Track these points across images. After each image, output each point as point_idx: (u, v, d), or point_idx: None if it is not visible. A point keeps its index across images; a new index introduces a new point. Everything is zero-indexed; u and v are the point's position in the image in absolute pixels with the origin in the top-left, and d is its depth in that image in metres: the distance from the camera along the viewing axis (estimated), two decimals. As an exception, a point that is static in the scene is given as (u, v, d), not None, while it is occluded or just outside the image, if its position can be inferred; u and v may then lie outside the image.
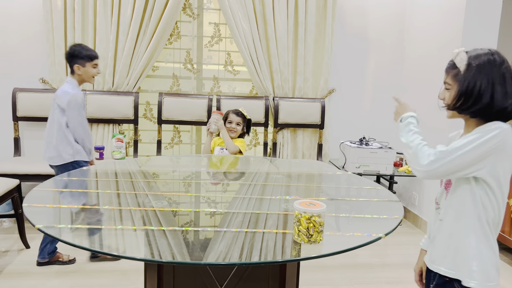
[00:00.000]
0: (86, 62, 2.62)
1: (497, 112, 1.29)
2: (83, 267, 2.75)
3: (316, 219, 1.25)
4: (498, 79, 1.28)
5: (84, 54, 2.61)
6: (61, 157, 2.61)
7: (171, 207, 1.63)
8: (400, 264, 2.99)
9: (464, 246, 1.34)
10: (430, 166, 1.28)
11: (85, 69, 2.63)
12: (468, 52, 1.34)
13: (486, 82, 1.29)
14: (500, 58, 1.31)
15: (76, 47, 2.64)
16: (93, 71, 2.67)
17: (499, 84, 1.28)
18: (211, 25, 3.99)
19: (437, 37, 3.52)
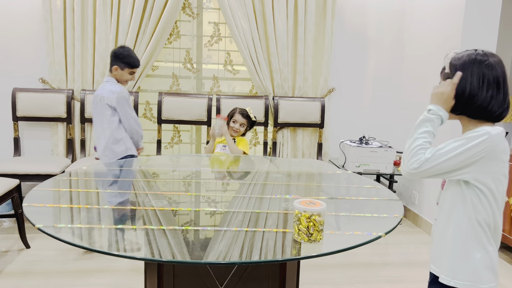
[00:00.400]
0: (125, 67, 2.76)
1: (481, 111, 1.32)
2: (83, 267, 2.75)
3: (316, 218, 1.26)
4: (478, 78, 1.30)
5: (126, 60, 2.74)
6: (114, 153, 2.78)
7: (171, 207, 1.63)
8: (400, 263, 2.99)
9: (451, 246, 1.36)
10: (414, 169, 1.31)
11: (122, 72, 2.76)
12: (457, 52, 1.38)
13: (465, 81, 1.31)
14: (483, 57, 1.32)
15: (123, 50, 2.76)
16: (128, 76, 2.80)
17: (479, 83, 1.30)
18: (211, 25, 3.99)
19: (437, 35, 3.52)
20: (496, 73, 1.31)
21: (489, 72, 1.31)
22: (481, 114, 1.33)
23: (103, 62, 3.63)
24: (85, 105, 3.60)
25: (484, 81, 1.30)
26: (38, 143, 3.75)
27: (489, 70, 1.31)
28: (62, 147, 3.69)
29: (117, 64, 2.75)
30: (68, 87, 3.65)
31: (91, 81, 3.67)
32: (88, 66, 3.63)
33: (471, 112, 1.33)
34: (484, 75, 1.30)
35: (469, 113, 1.34)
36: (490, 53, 1.35)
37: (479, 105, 1.31)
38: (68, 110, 3.61)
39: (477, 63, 1.31)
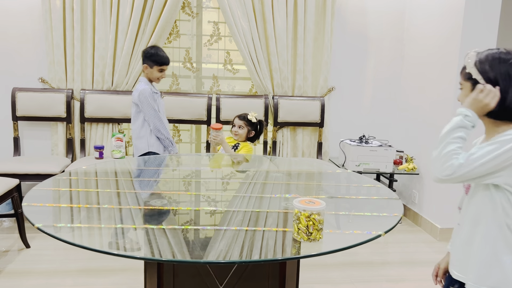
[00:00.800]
0: (154, 65, 2.87)
1: (509, 113, 1.29)
2: (84, 266, 2.75)
3: (316, 217, 1.26)
4: (505, 76, 1.28)
5: (154, 58, 2.85)
6: (138, 149, 2.96)
7: (171, 206, 1.63)
8: (400, 262, 2.99)
9: (480, 252, 1.33)
10: (448, 176, 1.28)
11: (151, 70, 2.88)
12: (478, 52, 1.35)
13: (493, 78, 1.28)
14: (507, 56, 1.30)
15: (151, 49, 2.90)
16: (157, 74, 2.90)
17: (506, 81, 1.28)
18: (210, 24, 3.99)
19: (437, 36, 3.51)
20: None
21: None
22: (508, 115, 1.30)
23: (102, 61, 3.63)
24: (84, 104, 3.60)
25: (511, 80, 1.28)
26: (37, 143, 3.75)
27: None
28: (62, 146, 3.69)
29: (146, 63, 2.88)
30: (67, 86, 3.65)
31: (91, 80, 3.66)
32: (88, 66, 3.63)
33: (499, 114, 1.30)
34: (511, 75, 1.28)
35: (496, 115, 1.31)
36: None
37: (507, 106, 1.28)
38: (67, 109, 3.61)
39: (504, 62, 1.29)
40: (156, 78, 2.92)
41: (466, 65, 1.35)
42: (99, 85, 3.68)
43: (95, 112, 3.64)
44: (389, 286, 2.65)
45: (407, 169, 3.64)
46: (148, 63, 2.87)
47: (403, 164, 3.75)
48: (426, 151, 3.65)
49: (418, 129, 3.75)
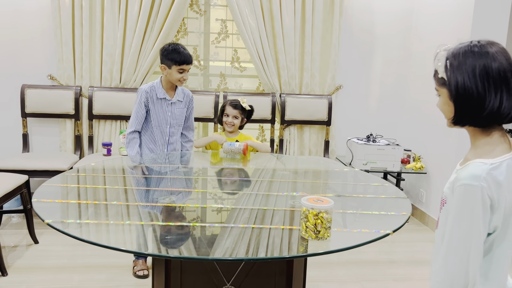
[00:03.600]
0: (172, 65, 2.45)
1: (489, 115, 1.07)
2: (91, 262, 2.77)
3: (324, 215, 1.25)
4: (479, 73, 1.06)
5: (171, 56, 2.44)
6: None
7: (178, 203, 1.64)
8: (407, 261, 2.98)
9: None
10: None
11: (170, 71, 2.48)
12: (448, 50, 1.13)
13: (467, 79, 1.06)
14: (482, 49, 1.08)
15: (169, 46, 2.48)
16: (177, 75, 2.47)
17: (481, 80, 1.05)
18: (218, 22, 3.99)
19: (445, 34, 3.49)
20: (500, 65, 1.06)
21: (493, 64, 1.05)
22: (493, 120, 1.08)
23: (110, 59, 3.64)
24: (93, 101, 3.62)
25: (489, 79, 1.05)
26: (46, 139, 3.78)
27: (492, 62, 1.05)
28: (70, 143, 3.71)
29: (164, 63, 2.48)
30: (76, 83, 3.67)
31: (99, 78, 3.68)
32: (96, 63, 3.65)
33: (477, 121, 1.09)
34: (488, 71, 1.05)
35: (475, 122, 1.10)
36: (489, 42, 1.10)
37: (489, 111, 1.06)
38: (76, 106, 3.63)
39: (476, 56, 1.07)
40: (177, 80, 2.49)
41: (437, 69, 1.14)
42: (107, 83, 3.70)
43: (103, 109, 3.65)
44: (396, 285, 2.64)
45: (414, 168, 3.62)
46: (166, 63, 2.46)
47: (410, 163, 3.73)
48: (433, 150, 3.62)
49: (426, 128, 3.73)
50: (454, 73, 1.09)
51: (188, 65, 2.48)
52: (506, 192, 1.06)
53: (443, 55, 1.13)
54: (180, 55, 2.44)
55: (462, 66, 1.08)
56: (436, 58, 1.15)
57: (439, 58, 1.13)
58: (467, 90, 1.07)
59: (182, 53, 2.45)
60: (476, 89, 1.06)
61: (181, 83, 2.55)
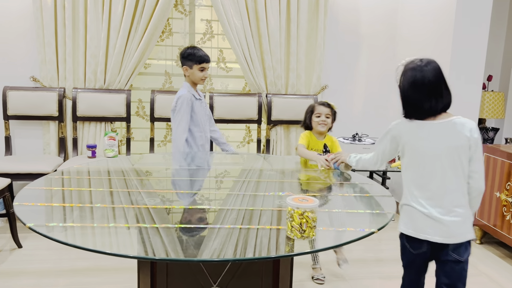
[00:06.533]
0: (194, 64, 2.65)
1: (416, 111, 1.69)
2: (77, 265, 2.73)
3: (309, 214, 1.26)
4: (412, 82, 1.67)
5: (191, 56, 2.65)
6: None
7: (165, 205, 1.63)
8: (393, 259, 3.01)
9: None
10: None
11: (192, 71, 2.67)
12: (406, 66, 1.73)
13: (406, 86, 1.69)
14: (418, 66, 1.66)
15: (188, 49, 2.68)
16: (199, 74, 2.68)
17: (412, 87, 1.67)
18: (203, 22, 3.98)
19: (428, 34, 3.53)
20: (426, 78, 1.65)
21: (421, 77, 1.66)
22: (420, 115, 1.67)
23: (94, 60, 3.61)
24: (77, 103, 3.58)
25: (416, 87, 1.66)
26: (29, 142, 3.72)
27: (421, 76, 1.66)
28: (54, 145, 3.66)
29: (185, 64, 2.68)
30: (59, 85, 3.63)
31: (83, 79, 3.64)
32: (80, 64, 3.61)
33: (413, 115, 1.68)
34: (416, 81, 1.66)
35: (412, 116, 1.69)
36: (428, 61, 1.67)
37: (415, 108, 1.68)
38: (59, 108, 3.58)
39: (413, 71, 1.68)
40: (200, 79, 2.69)
41: (396, 73, 1.75)
42: (92, 84, 3.66)
43: (87, 111, 3.61)
44: (383, 283, 2.66)
45: (399, 166, 3.65)
46: (187, 64, 2.67)
47: (395, 162, 3.76)
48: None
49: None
50: (401, 82, 1.72)
51: (208, 63, 2.68)
52: None
53: (400, 65, 1.74)
54: (199, 54, 2.65)
55: (404, 77, 1.70)
56: (397, 70, 1.74)
57: (398, 70, 1.74)
58: (404, 93, 1.70)
59: (201, 53, 2.67)
60: (408, 93, 1.69)
61: (203, 82, 2.74)
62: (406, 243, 1.72)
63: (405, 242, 1.73)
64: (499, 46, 4.25)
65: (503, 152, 3.02)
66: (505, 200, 2.98)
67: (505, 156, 3.00)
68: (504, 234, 2.95)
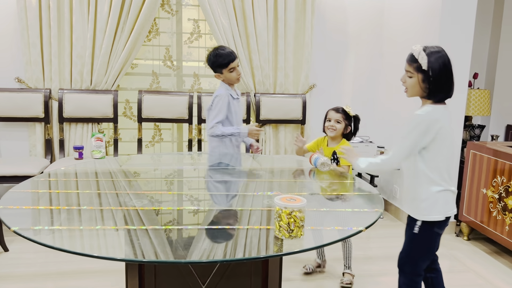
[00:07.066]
0: (222, 69, 2.62)
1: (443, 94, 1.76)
2: (64, 268, 2.70)
3: (297, 214, 1.26)
4: (444, 69, 1.71)
5: (217, 64, 2.60)
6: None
7: (153, 206, 1.62)
8: (382, 256, 3.03)
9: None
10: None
11: (224, 75, 2.65)
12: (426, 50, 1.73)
13: (438, 71, 1.71)
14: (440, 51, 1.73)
15: (211, 56, 2.62)
16: (231, 75, 2.64)
17: (444, 74, 1.72)
18: (190, 22, 3.96)
19: (414, 32, 3.56)
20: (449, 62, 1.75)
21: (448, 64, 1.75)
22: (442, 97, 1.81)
23: (81, 60, 3.57)
24: (63, 104, 3.54)
25: (447, 69, 1.75)
26: (15, 144, 3.67)
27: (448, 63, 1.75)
28: (40, 147, 3.61)
29: (216, 72, 2.66)
30: (45, 86, 3.58)
31: (69, 80, 3.60)
32: (66, 65, 3.56)
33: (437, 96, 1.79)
34: (446, 68, 1.75)
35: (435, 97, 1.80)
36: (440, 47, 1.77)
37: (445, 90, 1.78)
38: (45, 109, 3.54)
39: (443, 57, 1.75)
40: (235, 79, 2.65)
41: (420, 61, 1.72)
42: (78, 85, 3.62)
43: (74, 112, 3.57)
44: (372, 281, 2.68)
45: (388, 164, 3.68)
46: (217, 71, 2.64)
47: (384, 160, 3.78)
48: (406, 147, 3.68)
49: (398, 125, 3.80)
50: (430, 65, 1.70)
51: (234, 61, 2.61)
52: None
53: (420, 50, 1.73)
54: (222, 58, 2.58)
55: (433, 61, 1.70)
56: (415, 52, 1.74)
57: (418, 52, 1.73)
58: (435, 76, 1.72)
59: (224, 55, 2.59)
60: (440, 75, 1.72)
61: (239, 80, 2.70)
62: (436, 229, 1.82)
63: (434, 229, 1.82)
64: (484, 44, 4.31)
65: (489, 149, 3.06)
66: (491, 196, 3.02)
67: (491, 153, 3.04)
68: (491, 230, 2.99)
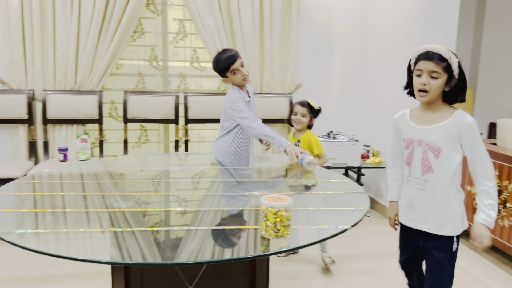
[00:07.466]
0: (226, 73, 2.55)
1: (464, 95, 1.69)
2: (49, 272, 2.67)
3: (283, 213, 1.26)
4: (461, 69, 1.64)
5: (219, 69, 2.55)
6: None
7: (140, 208, 1.61)
8: (370, 254, 3.05)
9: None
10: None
11: (229, 79, 2.58)
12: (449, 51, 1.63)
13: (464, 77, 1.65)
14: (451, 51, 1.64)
15: (213, 62, 2.57)
16: (236, 77, 2.56)
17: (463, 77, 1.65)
18: (176, 21, 3.94)
19: (399, 32, 3.59)
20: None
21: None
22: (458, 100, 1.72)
23: (64, 61, 3.53)
24: (47, 105, 3.49)
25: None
26: (-3, 146, 3.62)
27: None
28: (24, 149, 3.56)
29: (222, 77, 2.60)
30: (28, 87, 3.53)
31: (53, 80, 3.56)
32: (49, 66, 3.52)
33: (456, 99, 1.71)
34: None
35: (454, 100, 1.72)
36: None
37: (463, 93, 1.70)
38: (29, 111, 3.49)
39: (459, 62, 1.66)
40: (240, 80, 2.57)
41: (451, 61, 1.59)
42: (62, 85, 3.57)
43: (58, 113, 3.53)
44: (360, 279, 2.70)
45: (373, 162, 3.72)
46: (222, 75, 2.58)
47: (370, 158, 3.82)
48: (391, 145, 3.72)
49: (384, 124, 3.83)
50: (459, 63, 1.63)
51: (235, 63, 2.51)
52: None
53: (447, 49, 1.61)
54: (222, 62, 2.51)
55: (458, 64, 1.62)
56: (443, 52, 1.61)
57: (446, 51, 1.60)
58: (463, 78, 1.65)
59: (223, 59, 2.51)
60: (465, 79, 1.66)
61: (246, 80, 2.59)
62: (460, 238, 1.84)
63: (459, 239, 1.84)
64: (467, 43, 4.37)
65: (472, 147, 3.09)
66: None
67: (474, 150, 3.08)
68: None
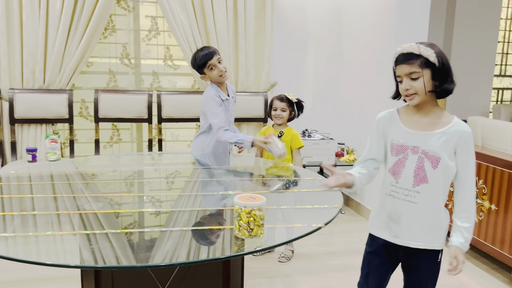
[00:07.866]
0: (202, 69, 2.54)
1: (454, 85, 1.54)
2: (19, 277, 2.58)
3: (257, 212, 1.25)
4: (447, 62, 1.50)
5: (196, 66, 2.55)
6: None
7: (113, 209, 1.57)
8: (344, 251, 3.08)
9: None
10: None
11: (207, 76, 2.57)
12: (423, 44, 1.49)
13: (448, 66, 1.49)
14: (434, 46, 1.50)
15: (192, 58, 2.57)
16: (212, 74, 2.54)
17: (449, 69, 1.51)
18: (148, 18, 3.88)
19: (372, 31, 3.64)
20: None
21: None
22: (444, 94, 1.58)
23: (32, 58, 3.42)
24: (14, 105, 3.38)
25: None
26: (-38, 147, 3.48)
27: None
28: (-10, 150, 3.44)
29: (200, 73, 2.59)
30: (-6, 86, 3.41)
31: (20, 79, 3.44)
32: (16, 64, 3.40)
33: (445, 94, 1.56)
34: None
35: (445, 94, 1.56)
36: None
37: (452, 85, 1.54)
38: (-5, 110, 3.37)
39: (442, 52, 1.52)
40: (218, 76, 2.54)
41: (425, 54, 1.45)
42: (30, 84, 3.46)
43: (26, 113, 3.42)
44: (335, 276, 2.72)
45: (348, 160, 3.76)
46: (199, 71, 2.57)
47: (344, 156, 3.86)
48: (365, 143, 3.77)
49: (358, 122, 3.88)
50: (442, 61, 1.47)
51: (212, 59, 2.51)
52: None
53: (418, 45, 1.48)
54: (199, 58, 2.51)
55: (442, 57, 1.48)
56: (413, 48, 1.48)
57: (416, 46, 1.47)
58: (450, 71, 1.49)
59: (200, 56, 2.51)
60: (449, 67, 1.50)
61: (223, 77, 2.57)
62: None
63: None
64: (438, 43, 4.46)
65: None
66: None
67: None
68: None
